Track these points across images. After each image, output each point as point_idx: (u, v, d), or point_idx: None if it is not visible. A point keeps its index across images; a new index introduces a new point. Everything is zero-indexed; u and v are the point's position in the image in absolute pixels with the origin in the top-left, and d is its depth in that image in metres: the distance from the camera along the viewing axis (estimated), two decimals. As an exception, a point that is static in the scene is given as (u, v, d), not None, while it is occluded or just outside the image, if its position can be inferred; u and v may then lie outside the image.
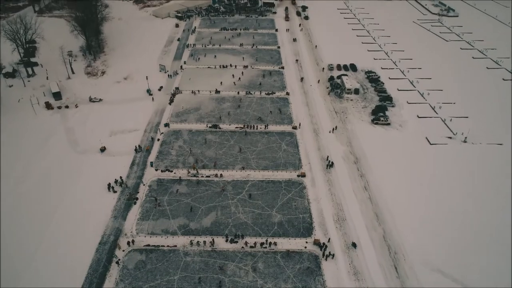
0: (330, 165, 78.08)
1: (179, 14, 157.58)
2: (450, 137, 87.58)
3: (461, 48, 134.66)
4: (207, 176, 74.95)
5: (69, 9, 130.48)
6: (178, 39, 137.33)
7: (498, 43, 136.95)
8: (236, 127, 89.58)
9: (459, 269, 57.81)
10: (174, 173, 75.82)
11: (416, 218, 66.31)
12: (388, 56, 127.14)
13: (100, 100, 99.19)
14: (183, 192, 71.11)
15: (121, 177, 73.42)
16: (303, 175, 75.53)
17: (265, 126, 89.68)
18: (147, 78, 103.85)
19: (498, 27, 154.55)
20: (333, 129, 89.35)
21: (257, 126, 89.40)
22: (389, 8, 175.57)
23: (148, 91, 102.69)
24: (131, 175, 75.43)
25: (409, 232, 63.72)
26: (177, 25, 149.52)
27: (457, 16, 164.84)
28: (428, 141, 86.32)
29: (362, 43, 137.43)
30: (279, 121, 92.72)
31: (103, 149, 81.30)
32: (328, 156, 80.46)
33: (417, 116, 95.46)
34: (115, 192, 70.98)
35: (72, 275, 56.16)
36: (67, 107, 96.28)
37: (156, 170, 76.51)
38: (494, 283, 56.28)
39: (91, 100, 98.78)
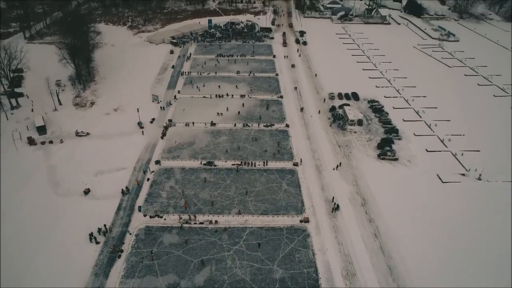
0: (336, 208, 71.33)
1: (174, 40, 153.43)
2: (463, 174, 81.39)
3: (465, 75, 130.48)
4: (200, 223, 67.87)
5: (61, 35, 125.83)
6: (173, 67, 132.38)
7: (502, 69, 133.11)
8: (233, 164, 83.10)
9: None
10: (164, 219, 68.73)
11: (434, 271, 59.21)
12: (391, 84, 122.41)
13: (87, 134, 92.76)
14: (173, 242, 63.89)
15: (105, 225, 66.17)
16: (307, 221, 68.60)
17: (264, 163, 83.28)
18: (138, 111, 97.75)
19: (501, 52, 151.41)
20: (337, 166, 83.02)
21: (255, 163, 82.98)
22: (388, 33, 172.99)
23: (139, 123, 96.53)
24: (116, 222, 68.16)
25: (427, 290, 56.63)
26: (171, 52, 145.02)
27: (458, 40, 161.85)
28: (440, 178, 79.98)
29: (363, 69, 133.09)
30: (279, 156, 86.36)
31: (87, 192, 74.30)
32: (333, 198, 73.75)
33: (426, 150, 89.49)
34: (97, 243, 63.59)
35: None
36: (51, 142, 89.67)
37: (145, 215, 69.39)
38: None
39: (77, 134, 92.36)
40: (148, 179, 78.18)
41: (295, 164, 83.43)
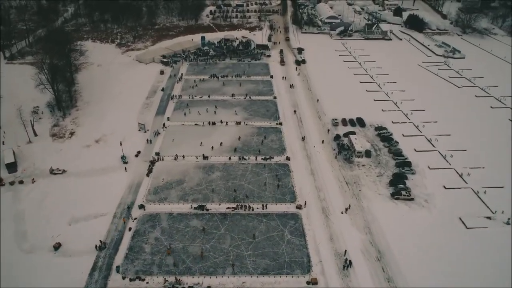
0: (348, 265, 61.28)
1: (165, 59, 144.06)
2: (489, 217, 71.88)
3: (476, 96, 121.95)
4: (189, 287, 57.46)
5: (42, 55, 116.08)
6: (163, 89, 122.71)
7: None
8: (228, 208, 73.01)
9: None
10: (147, 282, 58.32)
11: None
12: (398, 107, 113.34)
13: (64, 171, 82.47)
14: (156, 315, 53.54)
15: (75, 293, 55.77)
16: (315, 282, 58.46)
17: (263, 206, 73.25)
18: (121, 144, 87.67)
19: (509, 70, 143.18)
20: (346, 209, 73.23)
21: (252, 207, 72.89)
22: (390, 49, 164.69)
23: (123, 158, 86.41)
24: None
25: None
26: (162, 72, 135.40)
27: (464, 57, 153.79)
28: (464, 223, 70.40)
29: (367, 91, 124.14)
30: (280, 197, 76.48)
31: (57, 246, 63.81)
32: (346, 251, 63.65)
33: (444, 186, 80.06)
34: (65, 317, 53.15)
35: None
36: (21, 182, 79.26)
37: (124, 278, 58.93)
38: None
39: (52, 172, 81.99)
40: (130, 229, 67.84)
41: (298, 207, 73.50)
